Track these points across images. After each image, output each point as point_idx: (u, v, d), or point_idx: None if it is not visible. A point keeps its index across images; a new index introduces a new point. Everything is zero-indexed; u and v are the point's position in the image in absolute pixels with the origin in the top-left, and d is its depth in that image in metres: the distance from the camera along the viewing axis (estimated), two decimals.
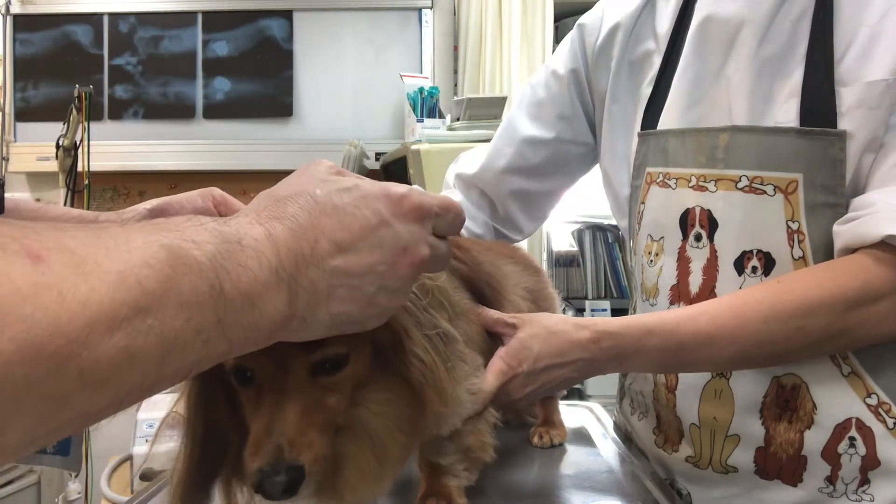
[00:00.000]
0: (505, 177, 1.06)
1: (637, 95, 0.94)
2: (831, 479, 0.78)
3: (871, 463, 0.76)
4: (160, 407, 2.17)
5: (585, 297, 2.76)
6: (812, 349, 0.75)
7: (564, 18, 2.91)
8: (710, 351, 0.73)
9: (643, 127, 0.91)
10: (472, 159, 1.10)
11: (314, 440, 0.50)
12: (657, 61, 0.92)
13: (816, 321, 0.71)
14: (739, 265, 0.80)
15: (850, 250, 0.73)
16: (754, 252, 0.79)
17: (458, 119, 2.35)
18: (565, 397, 1.37)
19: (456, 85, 2.89)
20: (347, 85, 2.87)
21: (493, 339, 0.73)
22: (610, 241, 2.80)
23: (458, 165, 1.13)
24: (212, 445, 0.56)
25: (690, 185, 0.83)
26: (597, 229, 2.82)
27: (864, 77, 0.73)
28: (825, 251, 0.75)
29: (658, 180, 0.88)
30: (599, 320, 0.74)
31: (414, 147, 2.11)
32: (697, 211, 0.83)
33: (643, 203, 0.90)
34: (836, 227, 0.74)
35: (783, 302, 0.72)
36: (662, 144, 0.87)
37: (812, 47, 0.77)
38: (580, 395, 2.42)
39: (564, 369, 0.71)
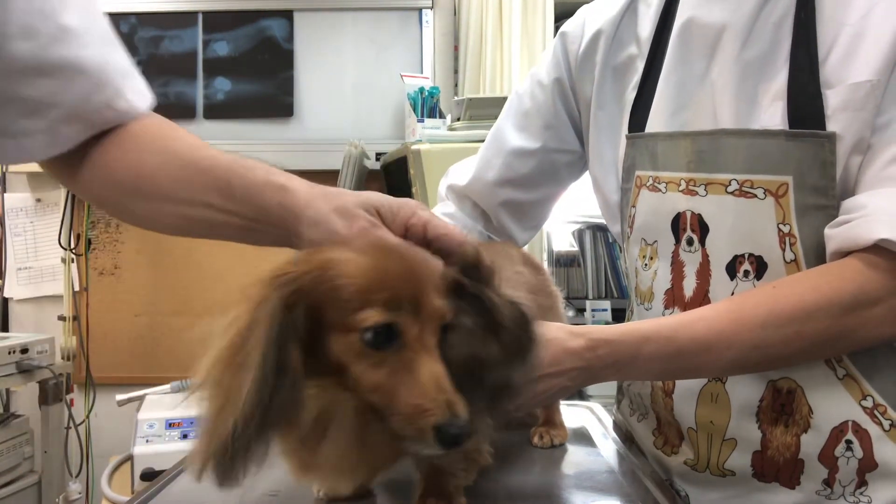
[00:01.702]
0: (495, 189, 1.05)
1: (622, 101, 0.94)
2: (829, 482, 0.78)
3: (868, 465, 0.77)
4: (160, 407, 2.18)
5: (586, 297, 2.76)
6: (810, 353, 0.75)
7: (564, 18, 2.91)
8: (707, 357, 0.73)
9: (630, 130, 0.91)
10: (463, 171, 1.10)
11: (461, 399, 0.53)
12: (640, 66, 0.91)
13: (814, 325, 0.71)
14: (731, 269, 0.79)
15: (843, 253, 0.73)
16: (746, 256, 0.78)
17: (458, 119, 2.36)
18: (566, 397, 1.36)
19: (456, 85, 2.89)
20: (348, 85, 2.87)
21: None
22: (610, 241, 2.81)
23: (449, 178, 1.13)
24: (278, 389, 0.54)
25: (680, 188, 0.83)
26: (597, 229, 2.82)
27: (849, 79, 0.73)
28: (817, 254, 0.75)
29: (648, 184, 0.87)
30: (595, 328, 0.74)
31: (414, 147, 2.11)
32: (688, 215, 0.83)
33: (634, 207, 0.90)
34: (827, 231, 0.74)
35: (780, 307, 0.72)
36: (651, 148, 0.87)
37: (796, 49, 0.76)
38: (580, 395, 2.42)
39: (560, 378, 0.71)
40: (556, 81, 1.01)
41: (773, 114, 0.77)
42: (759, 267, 0.78)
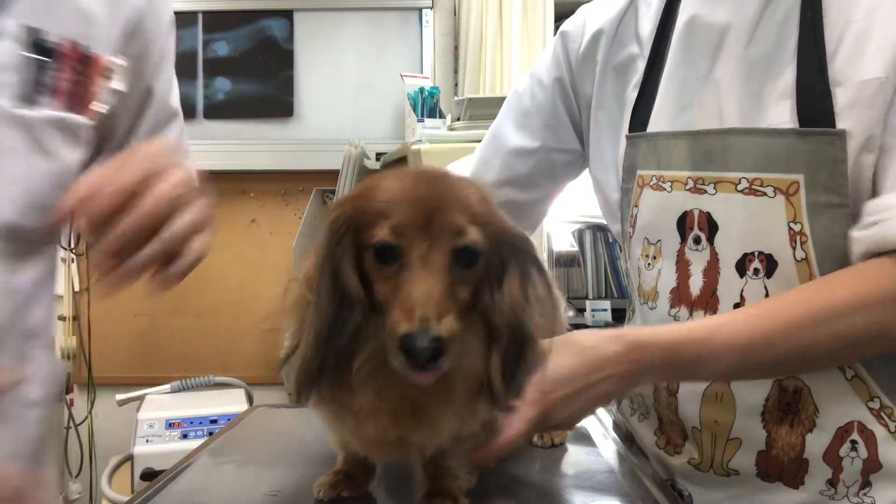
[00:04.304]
0: (494, 189, 1.05)
1: (623, 100, 0.93)
2: (833, 482, 0.78)
3: (872, 466, 0.76)
4: (160, 407, 2.18)
5: (586, 297, 2.76)
6: (851, 353, 0.74)
7: (564, 18, 2.91)
8: (747, 359, 0.72)
9: (631, 130, 0.90)
10: (460, 171, 1.10)
11: (453, 321, 0.53)
12: (641, 65, 0.91)
13: (854, 323, 0.70)
14: (741, 267, 0.79)
15: (871, 255, 0.72)
16: (756, 254, 0.78)
17: (458, 119, 2.36)
18: None
19: (456, 85, 2.89)
20: (348, 85, 2.87)
21: None
22: (610, 241, 2.80)
23: None
24: (339, 316, 0.58)
25: (687, 187, 0.83)
26: (597, 229, 2.82)
27: (857, 76, 0.73)
28: (829, 253, 0.74)
29: (651, 183, 0.87)
30: (632, 331, 0.73)
31: (414, 147, 2.11)
32: (696, 213, 0.82)
33: (636, 206, 0.90)
34: (854, 234, 0.73)
35: (817, 307, 0.71)
36: (654, 147, 0.87)
37: (803, 47, 0.76)
38: None
39: (602, 386, 0.71)
40: (557, 81, 1.01)
41: (780, 112, 0.77)
42: (770, 265, 0.77)
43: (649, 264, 0.88)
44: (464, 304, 0.58)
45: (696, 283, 0.83)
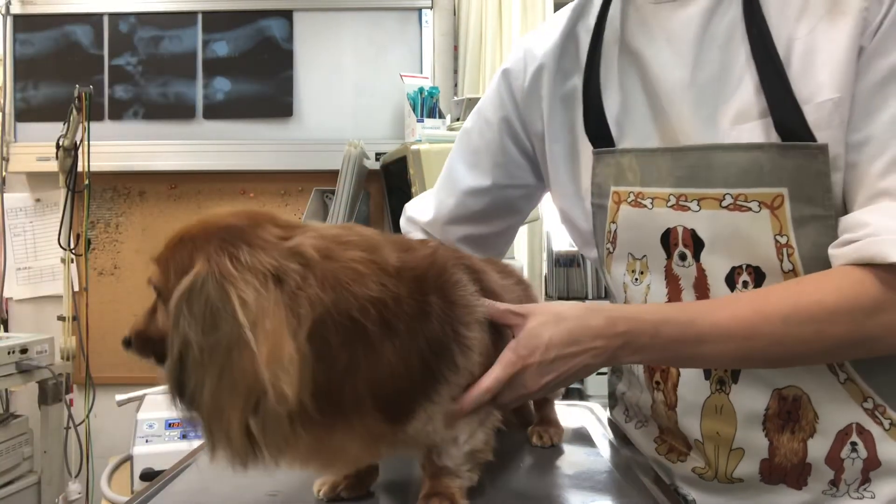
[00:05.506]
0: (451, 227, 1.06)
1: (575, 131, 0.92)
2: (835, 482, 0.78)
3: (872, 464, 0.77)
4: (160, 407, 2.18)
5: (585, 298, 2.77)
6: (833, 354, 0.73)
7: None
8: (726, 347, 0.71)
9: (596, 146, 0.89)
10: (422, 207, 1.10)
11: (132, 328, 0.74)
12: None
13: (836, 326, 0.69)
14: (730, 281, 0.79)
15: None
16: (744, 267, 0.78)
17: (458, 119, 2.36)
18: (565, 397, 1.36)
19: (456, 85, 2.89)
20: (347, 85, 2.87)
21: (498, 341, 0.73)
22: None
23: (407, 213, 1.13)
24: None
25: (669, 204, 0.81)
26: None
27: (813, 98, 0.72)
28: (815, 263, 0.74)
29: (629, 200, 0.85)
30: (614, 306, 0.72)
31: (414, 147, 2.11)
32: (680, 231, 0.81)
33: (614, 223, 0.88)
34: (832, 251, 0.72)
35: (802, 303, 0.70)
36: (629, 163, 0.85)
37: (760, 64, 0.75)
38: (580, 396, 2.42)
39: (581, 357, 0.70)
40: (503, 120, 1.00)
41: (736, 137, 0.76)
42: (758, 277, 0.77)
43: (637, 279, 0.87)
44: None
45: (688, 298, 0.82)
